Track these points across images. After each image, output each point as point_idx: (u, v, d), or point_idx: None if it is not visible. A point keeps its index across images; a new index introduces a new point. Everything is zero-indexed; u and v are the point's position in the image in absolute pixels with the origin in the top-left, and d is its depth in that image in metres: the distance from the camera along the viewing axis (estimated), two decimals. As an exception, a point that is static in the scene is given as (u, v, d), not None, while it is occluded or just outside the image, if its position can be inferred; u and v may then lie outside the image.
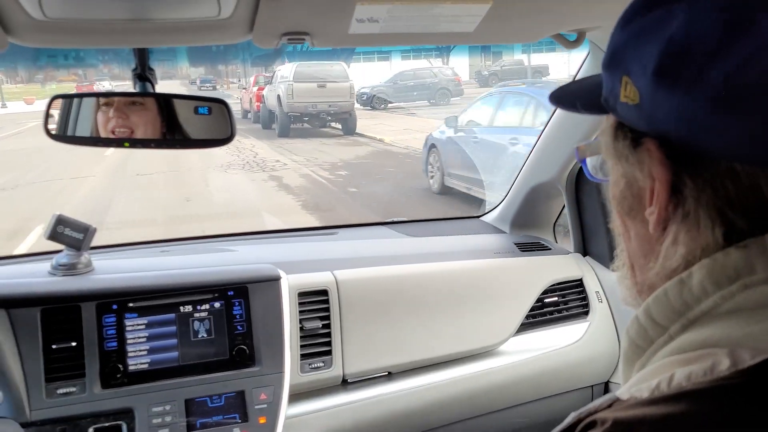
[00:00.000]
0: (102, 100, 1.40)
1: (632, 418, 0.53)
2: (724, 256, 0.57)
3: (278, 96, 15.76)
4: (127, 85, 1.41)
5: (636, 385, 0.56)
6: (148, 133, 1.36)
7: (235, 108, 19.93)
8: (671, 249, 0.60)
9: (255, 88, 18.94)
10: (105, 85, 26.77)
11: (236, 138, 1.36)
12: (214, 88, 38.55)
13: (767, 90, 0.50)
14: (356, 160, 12.23)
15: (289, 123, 15.83)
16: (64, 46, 1.30)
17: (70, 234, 1.55)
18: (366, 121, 16.68)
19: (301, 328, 1.63)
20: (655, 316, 0.61)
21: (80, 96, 1.37)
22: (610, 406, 0.57)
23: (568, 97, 0.77)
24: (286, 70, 16.34)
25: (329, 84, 15.55)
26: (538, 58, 24.40)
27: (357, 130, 15.77)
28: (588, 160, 0.77)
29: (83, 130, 1.41)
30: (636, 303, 0.68)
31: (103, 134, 1.38)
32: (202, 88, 35.47)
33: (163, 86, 1.41)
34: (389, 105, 20.52)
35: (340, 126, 16.34)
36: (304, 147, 13.97)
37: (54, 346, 1.44)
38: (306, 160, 12.14)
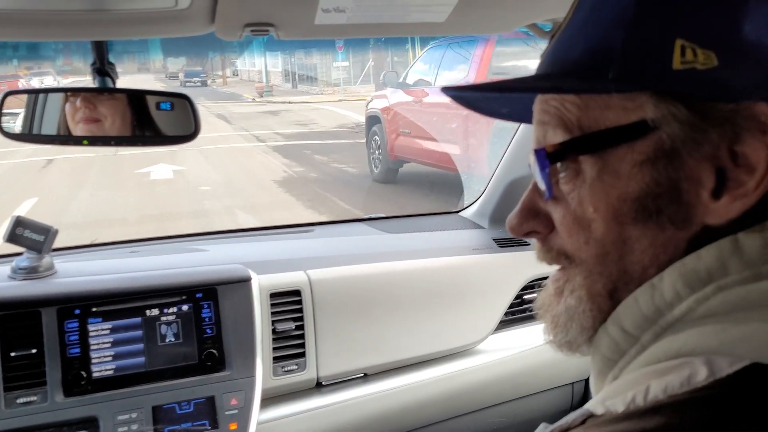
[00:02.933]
0: (71, 94, 1.34)
1: None
2: (695, 258, 0.55)
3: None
4: (84, 81, 1.35)
5: (610, 399, 0.53)
6: (116, 124, 1.30)
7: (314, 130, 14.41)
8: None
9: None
10: (46, 81, 23.83)
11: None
12: (204, 84, 32.77)
13: None
14: None
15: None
16: (17, 38, 1.24)
17: (29, 236, 1.49)
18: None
19: (274, 330, 1.58)
20: (625, 325, 0.57)
21: (32, 92, 1.31)
22: (583, 422, 0.54)
23: (573, 78, 0.59)
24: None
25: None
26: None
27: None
28: (543, 173, 0.60)
29: (49, 128, 1.35)
30: (589, 343, 0.62)
31: (71, 126, 1.32)
32: (188, 84, 30.94)
33: (136, 82, 1.35)
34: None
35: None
36: None
37: (13, 354, 1.38)
38: None
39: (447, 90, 0.64)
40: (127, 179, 9.75)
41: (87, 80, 1.36)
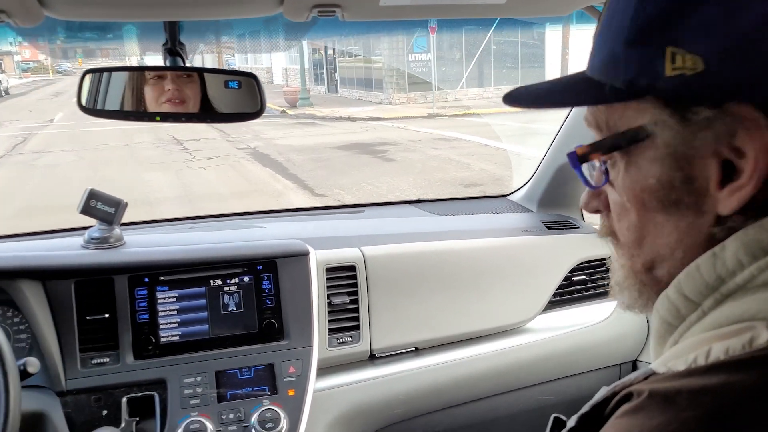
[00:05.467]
0: (151, 73, 1.39)
1: (669, 389, 0.52)
2: (758, 228, 0.56)
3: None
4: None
5: (671, 360, 0.56)
6: (192, 105, 1.36)
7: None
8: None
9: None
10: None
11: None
12: None
13: None
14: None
15: None
16: (97, 18, 1.31)
17: (102, 208, 1.57)
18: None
19: (329, 303, 1.64)
20: (686, 292, 0.60)
21: (109, 70, 1.38)
22: (645, 378, 0.57)
23: (583, 90, 0.65)
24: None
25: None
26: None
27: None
28: (584, 166, 0.67)
29: (113, 104, 1.42)
30: (652, 301, 0.65)
31: (153, 106, 1.38)
32: None
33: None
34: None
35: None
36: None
37: (88, 318, 1.46)
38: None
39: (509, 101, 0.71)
40: None
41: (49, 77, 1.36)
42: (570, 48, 16.10)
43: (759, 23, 0.52)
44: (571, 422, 0.61)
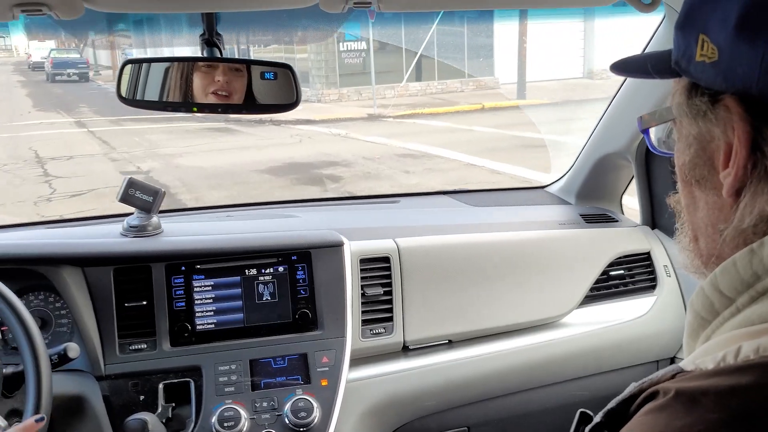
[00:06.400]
0: (201, 63, 1.39)
1: (696, 388, 0.52)
2: None
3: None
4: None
5: (701, 357, 0.55)
6: (238, 97, 1.37)
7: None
8: (746, 210, 0.58)
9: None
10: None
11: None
12: (85, 78, 21.25)
13: None
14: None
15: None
16: (136, 10, 1.32)
17: (140, 197, 1.60)
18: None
19: (363, 294, 1.64)
20: (722, 287, 0.59)
21: (148, 61, 1.39)
22: (673, 377, 0.56)
23: (636, 63, 0.75)
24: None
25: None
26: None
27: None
28: (652, 132, 0.74)
29: (152, 94, 1.43)
30: (700, 271, 0.68)
31: (200, 96, 1.39)
32: (58, 79, 20.41)
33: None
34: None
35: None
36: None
37: (126, 305, 1.49)
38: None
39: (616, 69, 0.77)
40: None
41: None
42: (531, 38, 14.37)
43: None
44: (597, 418, 0.62)
